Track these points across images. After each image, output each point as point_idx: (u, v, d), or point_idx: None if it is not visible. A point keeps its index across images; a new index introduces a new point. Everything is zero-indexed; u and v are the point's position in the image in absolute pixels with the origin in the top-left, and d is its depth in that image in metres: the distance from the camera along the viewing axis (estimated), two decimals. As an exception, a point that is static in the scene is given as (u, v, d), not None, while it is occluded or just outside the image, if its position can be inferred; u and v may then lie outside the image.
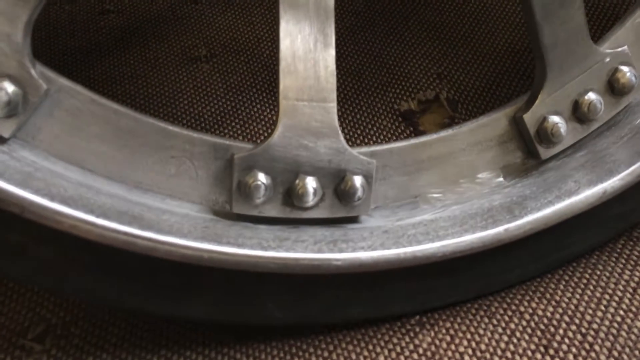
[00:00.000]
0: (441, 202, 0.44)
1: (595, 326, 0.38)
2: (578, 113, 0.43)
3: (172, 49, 0.65)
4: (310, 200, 0.39)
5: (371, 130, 0.59)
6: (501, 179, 0.44)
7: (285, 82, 0.38)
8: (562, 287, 0.40)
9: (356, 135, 0.58)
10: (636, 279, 0.40)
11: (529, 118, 0.43)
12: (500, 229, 0.39)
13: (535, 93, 0.43)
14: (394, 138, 0.58)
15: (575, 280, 0.41)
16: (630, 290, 0.39)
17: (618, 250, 0.42)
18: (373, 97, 0.61)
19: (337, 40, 0.71)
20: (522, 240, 0.40)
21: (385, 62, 0.65)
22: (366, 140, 0.58)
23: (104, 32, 0.69)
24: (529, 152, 0.44)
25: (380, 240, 0.40)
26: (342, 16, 0.69)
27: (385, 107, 0.60)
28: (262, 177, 0.38)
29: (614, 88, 0.43)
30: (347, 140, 0.57)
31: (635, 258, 0.41)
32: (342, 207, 0.40)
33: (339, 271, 0.39)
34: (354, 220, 0.41)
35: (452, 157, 0.44)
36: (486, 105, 0.60)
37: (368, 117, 0.60)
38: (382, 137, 0.58)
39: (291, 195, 0.39)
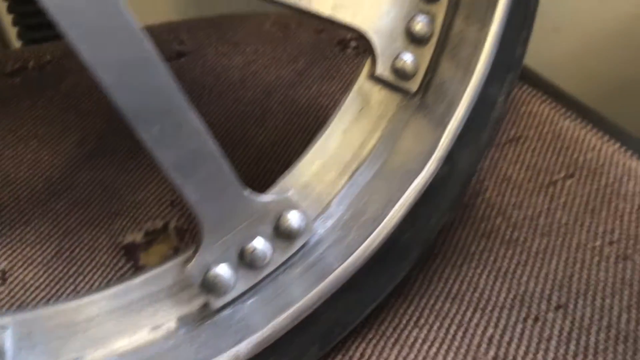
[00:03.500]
0: (111, 362, 0.41)
1: None
2: (246, 260, 0.43)
3: None
4: None
5: (88, 267, 0.56)
6: (180, 330, 0.43)
7: None
8: None
9: (70, 274, 0.55)
10: None
11: (193, 268, 0.42)
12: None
13: (198, 243, 0.43)
14: (113, 274, 0.55)
15: None
16: None
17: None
18: (97, 229, 0.59)
19: (63, 170, 0.68)
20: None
21: (117, 191, 0.63)
22: (81, 279, 0.55)
23: None
24: (204, 301, 0.43)
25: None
26: (80, 142, 0.67)
27: (108, 240, 0.58)
28: None
29: (281, 233, 0.44)
30: (56, 285, 0.53)
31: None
32: (-31, 387, 0.36)
33: None
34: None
35: (124, 312, 0.42)
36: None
37: (87, 252, 0.57)
38: (99, 274, 0.55)
39: None
